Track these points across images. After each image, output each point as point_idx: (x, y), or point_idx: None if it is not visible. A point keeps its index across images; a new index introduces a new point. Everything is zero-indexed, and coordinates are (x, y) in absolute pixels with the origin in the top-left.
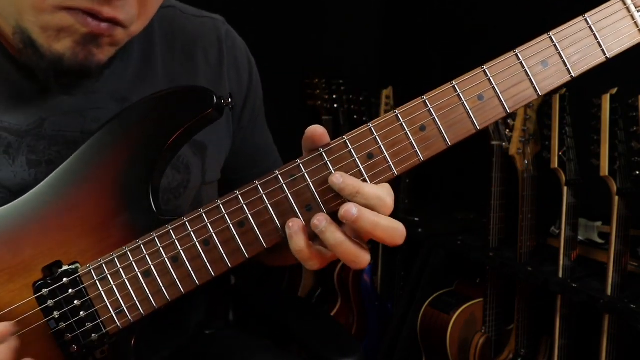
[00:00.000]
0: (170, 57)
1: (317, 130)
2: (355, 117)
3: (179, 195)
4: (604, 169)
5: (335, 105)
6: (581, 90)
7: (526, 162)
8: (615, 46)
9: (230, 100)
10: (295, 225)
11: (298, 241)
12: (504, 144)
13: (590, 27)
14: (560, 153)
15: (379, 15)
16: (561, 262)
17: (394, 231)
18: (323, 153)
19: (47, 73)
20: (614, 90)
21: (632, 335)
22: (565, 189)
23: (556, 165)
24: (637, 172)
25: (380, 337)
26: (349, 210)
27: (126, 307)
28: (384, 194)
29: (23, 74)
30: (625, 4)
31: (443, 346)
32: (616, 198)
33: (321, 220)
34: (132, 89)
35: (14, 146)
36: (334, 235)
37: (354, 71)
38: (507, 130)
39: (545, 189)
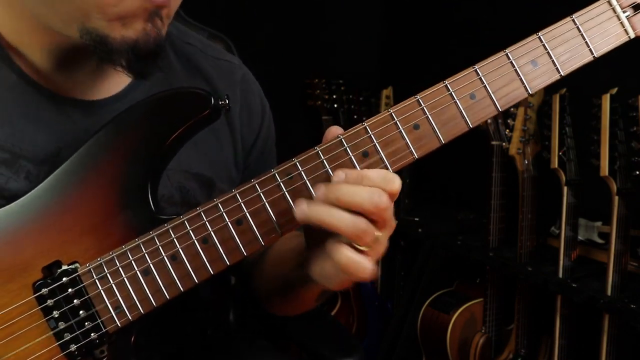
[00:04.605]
0: None
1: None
2: (355, 117)
3: None
4: (604, 169)
5: (335, 105)
6: (581, 90)
7: (526, 162)
8: (602, 45)
9: (227, 101)
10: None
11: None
12: (504, 144)
13: (577, 28)
14: (560, 153)
15: (379, 15)
16: (561, 262)
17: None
18: (319, 151)
19: (127, 64)
20: (614, 90)
21: (632, 335)
22: (565, 189)
23: (556, 165)
24: (637, 172)
25: (380, 337)
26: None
27: (125, 306)
28: (388, 174)
29: (42, 99)
30: (611, 4)
31: (443, 346)
32: (616, 198)
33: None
34: None
35: (33, 173)
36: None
37: (354, 71)
38: (507, 130)
39: (545, 189)
